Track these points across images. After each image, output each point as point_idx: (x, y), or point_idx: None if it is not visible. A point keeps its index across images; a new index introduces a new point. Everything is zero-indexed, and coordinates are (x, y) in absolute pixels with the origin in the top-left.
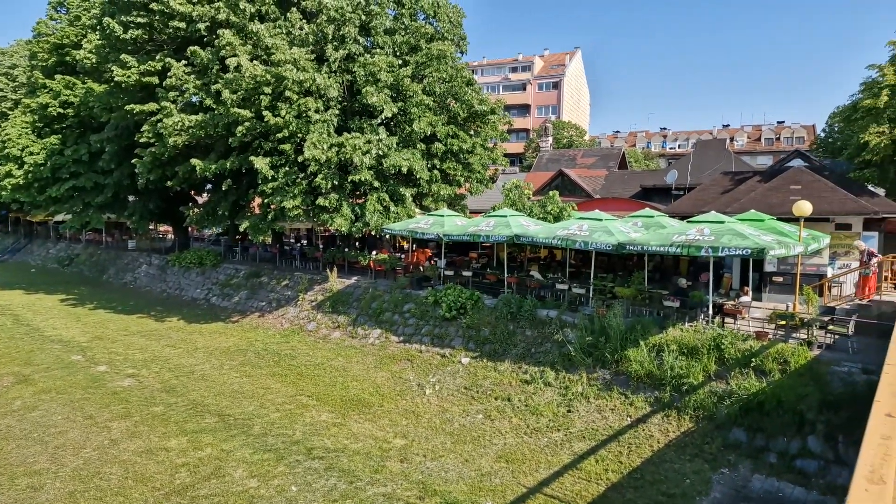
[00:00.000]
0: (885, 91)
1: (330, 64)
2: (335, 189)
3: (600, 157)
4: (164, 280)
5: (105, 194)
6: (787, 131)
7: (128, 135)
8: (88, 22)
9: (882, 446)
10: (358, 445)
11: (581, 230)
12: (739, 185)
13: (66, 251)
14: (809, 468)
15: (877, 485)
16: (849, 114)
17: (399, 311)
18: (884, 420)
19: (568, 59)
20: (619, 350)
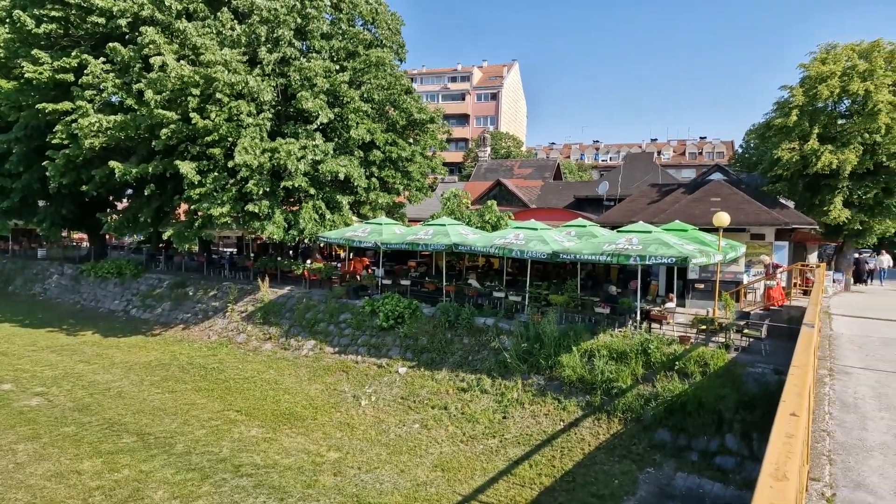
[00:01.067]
0: (795, 111)
1: (263, 67)
2: (267, 196)
3: (536, 168)
4: (77, 291)
5: (12, 199)
6: (708, 146)
7: (38, 135)
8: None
9: (786, 444)
10: (289, 460)
11: (518, 239)
12: (665, 197)
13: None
14: (727, 465)
15: (781, 481)
16: (763, 131)
17: (334, 322)
18: (788, 419)
19: (506, 71)
20: (553, 356)
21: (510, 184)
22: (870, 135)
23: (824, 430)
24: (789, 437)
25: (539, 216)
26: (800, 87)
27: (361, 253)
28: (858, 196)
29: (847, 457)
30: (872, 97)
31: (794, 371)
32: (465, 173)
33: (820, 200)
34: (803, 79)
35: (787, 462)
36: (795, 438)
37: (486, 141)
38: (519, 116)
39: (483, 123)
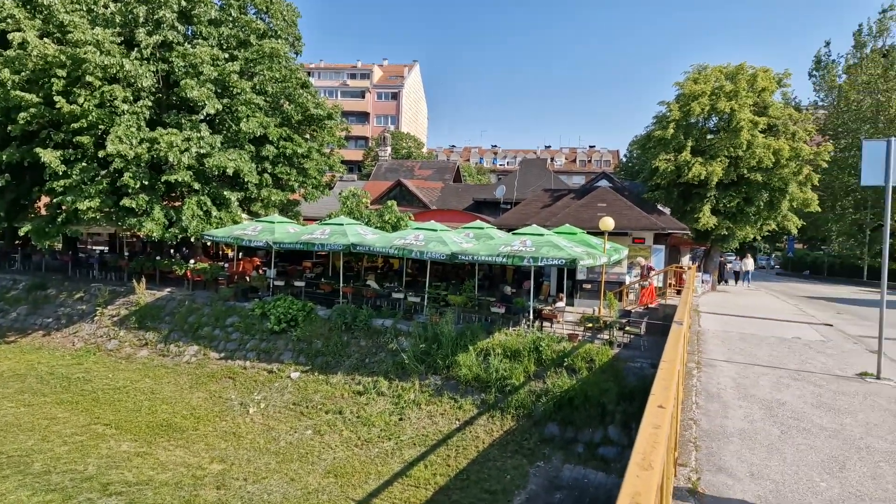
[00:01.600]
0: (672, 125)
1: (142, 50)
2: (145, 190)
3: (437, 170)
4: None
5: None
6: (596, 155)
7: None
8: None
9: (653, 435)
10: (166, 476)
11: (417, 240)
12: (557, 202)
13: None
14: (610, 454)
15: (646, 470)
16: (644, 142)
17: (221, 326)
18: (656, 411)
19: (407, 71)
20: (451, 356)
21: (411, 184)
22: (734, 149)
23: (692, 418)
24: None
25: (439, 217)
26: (676, 104)
27: (252, 253)
28: (724, 205)
29: (710, 443)
30: (736, 115)
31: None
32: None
33: (691, 208)
34: (678, 96)
35: (653, 452)
36: (661, 429)
37: (386, 140)
38: (420, 118)
39: (384, 122)
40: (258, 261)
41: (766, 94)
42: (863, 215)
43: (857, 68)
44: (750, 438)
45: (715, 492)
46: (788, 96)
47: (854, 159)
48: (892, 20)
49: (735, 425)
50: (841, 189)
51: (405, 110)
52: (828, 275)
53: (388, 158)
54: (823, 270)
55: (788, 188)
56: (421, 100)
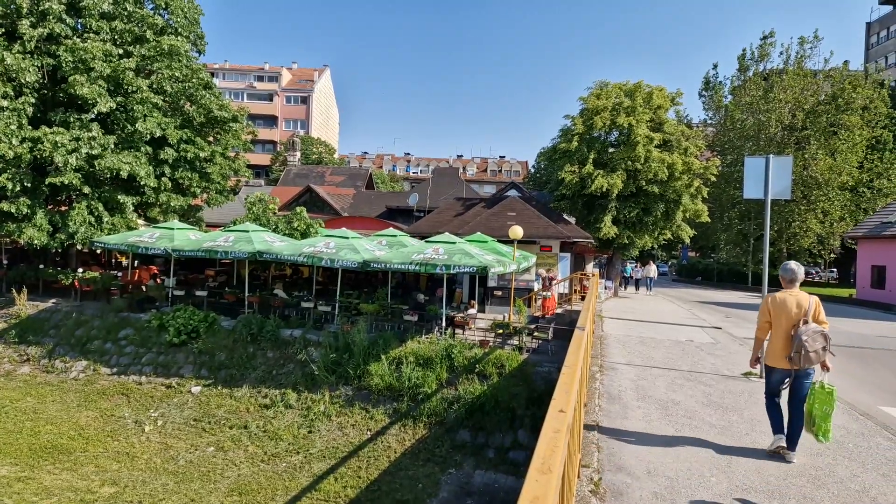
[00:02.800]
0: (576, 138)
1: (25, 43)
2: (27, 192)
3: (349, 177)
4: None
5: None
6: (507, 165)
7: None
8: None
9: (552, 439)
10: (51, 501)
11: (328, 247)
12: (469, 210)
13: None
14: (519, 458)
15: (545, 474)
16: (551, 154)
17: (113, 339)
18: (556, 415)
19: (317, 76)
20: (362, 365)
21: (321, 191)
22: (632, 162)
23: (595, 420)
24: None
25: (351, 224)
26: (580, 118)
27: (149, 261)
28: (624, 215)
29: (611, 443)
30: (634, 130)
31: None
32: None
33: (595, 218)
34: (582, 110)
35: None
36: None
37: (296, 145)
38: (331, 123)
39: (293, 127)
40: (156, 269)
41: (661, 111)
42: (747, 226)
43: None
44: (647, 438)
45: (615, 490)
46: (681, 114)
47: (739, 174)
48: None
49: (634, 426)
50: (728, 201)
51: (316, 115)
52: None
53: (297, 163)
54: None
55: (682, 200)
56: (332, 105)
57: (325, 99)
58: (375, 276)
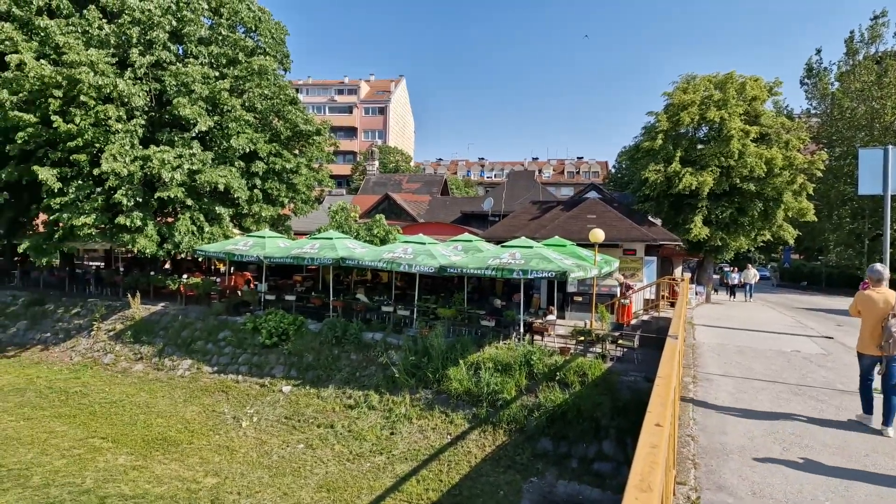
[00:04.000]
0: (660, 135)
1: (135, 70)
2: (139, 206)
3: (424, 183)
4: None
5: None
6: (585, 166)
7: None
8: None
9: (651, 455)
10: (161, 489)
11: (406, 253)
12: (545, 214)
13: None
14: (604, 470)
15: (645, 493)
16: (633, 153)
17: (213, 340)
18: (653, 430)
19: (393, 86)
20: (441, 369)
21: (399, 198)
22: (724, 158)
23: (689, 434)
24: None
25: (427, 230)
26: (664, 114)
27: (243, 267)
28: (716, 215)
29: (709, 460)
30: (726, 124)
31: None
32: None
33: (683, 219)
34: (667, 106)
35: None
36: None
37: (374, 154)
38: (407, 131)
39: (371, 137)
40: (249, 275)
41: (756, 102)
42: (861, 224)
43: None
44: (750, 455)
45: None
46: (780, 105)
47: (850, 167)
48: (884, 26)
49: (735, 442)
50: (837, 198)
51: (392, 124)
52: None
53: (375, 172)
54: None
55: (783, 198)
56: (408, 114)
57: (401, 108)
58: (452, 280)
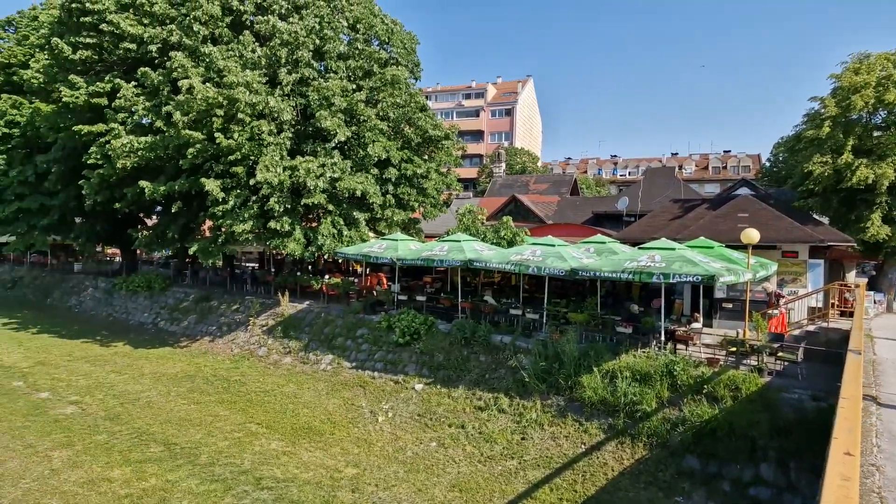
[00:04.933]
0: (827, 122)
1: (283, 87)
2: (288, 212)
3: (553, 184)
4: (110, 304)
5: (51, 216)
6: (733, 160)
7: (75, 156)
8: (37, 42)
9: (843, 488)
10: (308, 475)
11: (535, 255)
12: (688, 213)
13: (10, 274)
14: (763, 496)
15: None
16: (792, 144)
17: (352, 337)
18: (842, 459)
19: (520, 87)
20: (573, 376)
21: (526, 199)
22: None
23: (873, 464)
24: (846, 480)
25: (556, 232)
26: (832, 98)
27: (378, 268)
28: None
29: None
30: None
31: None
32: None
33: (857, 216)
34: (835, 89)
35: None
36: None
37: (500, 156)
38: (534, 132)
39: (498, 139)
40: (384, 276)
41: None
42: None
43: None
44: None
45: None
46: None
47: None
48: None
49: None
50: None
51: (519, 126)
52: None
53: (502, 174)
54: None
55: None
56: (535, 114)
57: (528, 109)
58: (583, 284)
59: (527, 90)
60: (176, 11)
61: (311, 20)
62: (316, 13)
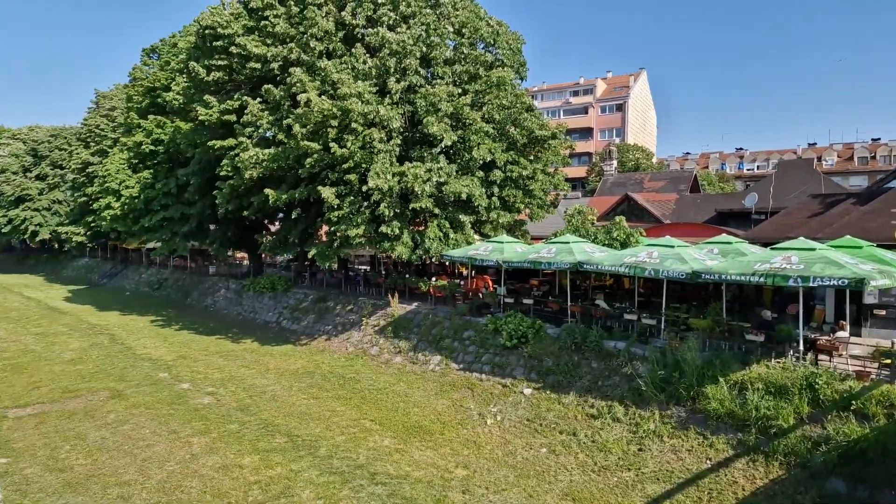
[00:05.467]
0: None
1: (392, 95)
2: (396, 217)
3: (670, 181)
4: (240, 304)
5: (190, 224)
6: (883, 149)
7: (210, 168)
8: (176, 66)
9: None
10: (420, 473)
11: (651, 257)
12: (830, 209)
13: (156, 276)
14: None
15: None
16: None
17: (459, 338)
18: None
19: (632, 81)
20: (696, 386)
21: (640, 198)
22: None
23: None
24: None
25: (675, 232)
26: None
27: (483, 271)
28: None
29: None
30: None
31: None
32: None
33: None
34: None
35: None
36: None
37: (611, 154)
38: (648, 126)
39: (608, 136)
40: (489, 278)
41: None
42: None
43: None
44: None
45: None
46: None
47: None
48: None
49: None
50: None
51: (631, 121)
52: None
53: (613, 172)
54: None
55: None
56: (649, 108)
57: (642, 103)
58: (705, 288)
59: (639, 83)
60: (295, 30)
61: (418, 29)
62: (422, 21)
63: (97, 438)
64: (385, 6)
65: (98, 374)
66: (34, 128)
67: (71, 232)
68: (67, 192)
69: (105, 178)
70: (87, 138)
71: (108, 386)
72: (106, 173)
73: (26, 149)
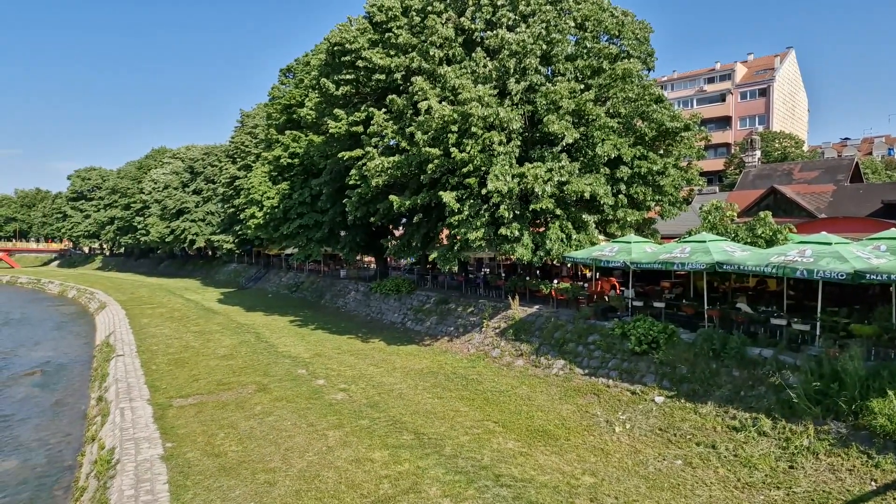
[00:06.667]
0: None
1: (511, 97)
2: (516, 219)
3: (824, 170)
4: (368, 305)
5: (323, 230)
6: None
7: (340, 178)
8: (309, 83)
9: None
10: (545, 478)
11: (803, 256)
12: None
13: (294, 279)
14: None
15: None
16: None
17: (583, 343)
18: None
19: (778, 62)
20: (859, 400)
21: (788, 190)
22: None
23: None
24: None
25: (832, 227)
26: None
27: (608, 273)
28: None
29: None
30: None
31: None
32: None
33: None
34: None
35: None
36: None
37: (754, 143)
38: (797, 112)
39: (749, 125)
40: (615, 280)
41: None
42: None
43: None
44: None
45: None
46: None
47: None
48: None
49: None
50: None
51: (777, 107)
52: None
53: (756, 164)
54: None
55: None
56: (798, 91)
57: (790, 86)
58: (869, 290)
59: (787, 64)
60: (416, 39)
61: (538, 27)
62: (542, 18)
63: (246, 428)
64: (504, 7)
65: (246, 370)
66: (190, 147)
67: (222, 240)
68: (218, 204)
69: (249, 190)
70: (234, 154)
71: (255, 380)
72: (250, 186)
73: (184, 166)
